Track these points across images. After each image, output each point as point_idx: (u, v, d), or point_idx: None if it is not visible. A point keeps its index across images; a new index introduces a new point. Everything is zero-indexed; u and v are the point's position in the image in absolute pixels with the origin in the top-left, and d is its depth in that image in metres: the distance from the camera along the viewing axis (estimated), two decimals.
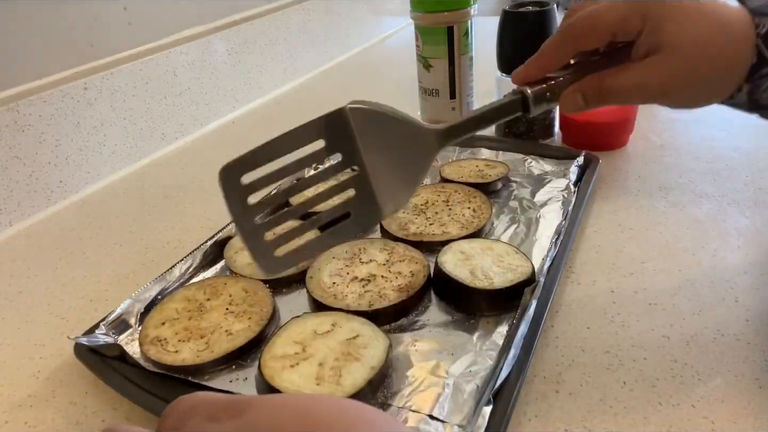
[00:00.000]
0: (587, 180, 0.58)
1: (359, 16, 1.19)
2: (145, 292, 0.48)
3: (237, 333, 0.43)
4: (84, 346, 0.43)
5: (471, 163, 0.64)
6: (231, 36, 0.88)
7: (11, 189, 0.63)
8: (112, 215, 0.66)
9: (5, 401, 0.42)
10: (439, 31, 0.70)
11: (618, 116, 0.66)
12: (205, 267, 0.53)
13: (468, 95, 0.75)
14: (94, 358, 0.42)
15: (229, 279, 0.49)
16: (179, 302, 0.47)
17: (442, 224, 0.54)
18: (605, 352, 0.41)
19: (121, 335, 0.45)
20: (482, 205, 0.56)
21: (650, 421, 0.36)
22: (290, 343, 0.41)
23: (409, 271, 0.48)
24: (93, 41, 0.70)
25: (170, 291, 0.50)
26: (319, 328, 0.42)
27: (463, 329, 0.43)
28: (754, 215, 0.54)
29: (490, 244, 0.49)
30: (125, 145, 0.75)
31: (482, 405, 0.35)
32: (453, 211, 0.55)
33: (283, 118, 0.89)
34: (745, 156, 0.65)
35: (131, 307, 0.47)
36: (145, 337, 0.44)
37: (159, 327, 0.45)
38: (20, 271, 0.57)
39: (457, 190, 0.59)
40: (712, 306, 0.44)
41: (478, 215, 0.54)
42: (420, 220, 0.55)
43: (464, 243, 0.49)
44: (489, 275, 0.45)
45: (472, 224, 0.53)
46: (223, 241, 0.55)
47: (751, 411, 0.36)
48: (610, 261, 0.50)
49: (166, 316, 0.46)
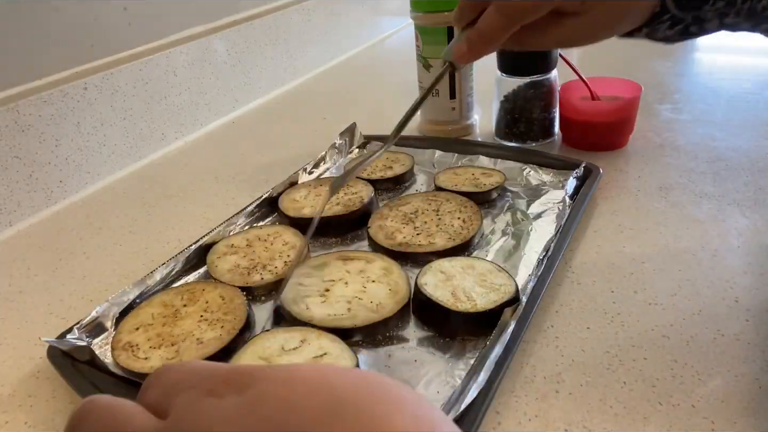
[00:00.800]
0: (584, 193, 0.56)
1: (359, 16, 1.19)
2: (124, 296, 0.47)
3: (207, 342, 0.42)
4: (58, 348, 0.42)
5: (467, 171, 0.63)
6: (231, 36, 0.88)
7: (11, 189, 0.64)
8: (112, 215, 0.66)
9: (5, 401, 0.42)
10: (439, 31, 0.70)
11: (618, 116, 0.66)
12: (187, 271, 0.52)
13: (468, 95, 0.75)
14: (65, 362, 0.41)
15: (208, 285, 0.48)
16: (156, 307, 0.46)
17: (429, 234, 0.53)
18: (605, 352, 0.41)
19: (95, 339, 0.45)
20: (472, 216, 0.54)
21: (650, 421, 0.36)
22: (255, 358, 0.40)
23: (388, 289, 0.46)
24: (93, 41, 0.70)
25: (149, 295, 0.49)
26: (287, 344, 0.41)
27: (437, 347, 0.42)
28: (754, 215, 0.54)
29: (472, 262, 0.48)
30: (125, 145, 0.75)
31: None
32: (442, 221, 0.54)
33: (283, 118, 0.89)
34: (745, 156, 0.65)
35: (108, 310, 0.46)
36: (117, 342, 0.43)
37: (133, 332, 0.44)
38: (20, 271, 0.57)
39: (449, 199, 0.57)
40: (712, 306, 0.44)
41: (467, 226, 0.53)
42: (408, 229, 0.54)
43: (445, 262, 0.48)
44: (471, 296, 0.44)
45: (460, 236, 0.52)
46: (208, 246, 0.54)
47: (751, 411, 0.36)
48: (610, 261, 0.50)
49: (142, 321, 0.45)
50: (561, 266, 0.50)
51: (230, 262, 0.52)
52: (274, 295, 0.49)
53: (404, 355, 0.42)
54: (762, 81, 0.85)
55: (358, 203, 0.57)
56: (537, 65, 0.67)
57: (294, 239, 0.54)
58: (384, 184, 0.63)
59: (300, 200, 0.60)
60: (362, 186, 0.61)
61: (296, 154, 0.69)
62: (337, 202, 0.58)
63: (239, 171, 0.73)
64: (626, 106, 0.66)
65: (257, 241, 0.54)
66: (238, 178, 0.71)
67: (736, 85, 0.84)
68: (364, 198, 0.58)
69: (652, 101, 0.80)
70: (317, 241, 0.56)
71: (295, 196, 0.60)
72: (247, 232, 0.55)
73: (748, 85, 0.84)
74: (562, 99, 0.69)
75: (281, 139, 0.80)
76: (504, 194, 0.60)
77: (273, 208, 0.60)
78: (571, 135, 0.70)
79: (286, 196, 0.60)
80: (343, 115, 0.86)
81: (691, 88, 0.86)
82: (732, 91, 0.82)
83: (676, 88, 0.85)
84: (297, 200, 0.60)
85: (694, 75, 0.92)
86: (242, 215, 0.58)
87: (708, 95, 0.82)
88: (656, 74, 0.91)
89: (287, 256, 0.52)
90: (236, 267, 0.51)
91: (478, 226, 0.53)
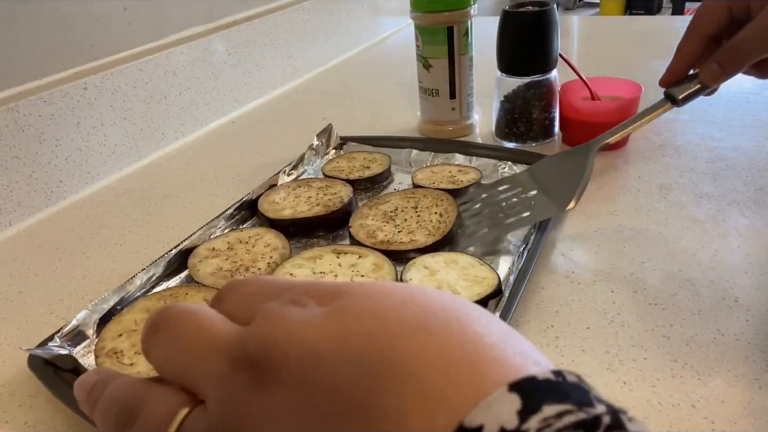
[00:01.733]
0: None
1: (359, 16, 1.19)
2: (103, 303, 0.47)
3: None
4: (39, 357, 0.41)
5: (444, 168, 0.64)
6: (231, 36, 0.88)
7: (11, 189, 0.64)
8: (112, 215, 0.66)
9: (5, 401, 0.42)
10: (439, 31, 0.70)
11: (618, 116, 0.66)
12: (168, 276, 0.52)
13: (468, 95, 0.75)
14: (47, 370, 0.40)
15: (191, 289, 0.48)
16: (139, 313, 0.46)
17: (410, 231, 0.53)
18: (605, 352, 0.41)
19: (77, 347, 0.44)
20: (448, 208, 0.55)
21: (650, 421, 0.36)
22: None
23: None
24: (93, 41, 0.70)
25: (130, 301, 0.48)
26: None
27: None
28: (754, 215, 0.54)
29: (454, 257, 0.49)
30: (125, 145, 0.75)
31: None
32: (421, 217, 0.55)
33: (283, 118, 0.89)
34: (745, 156, 0.65)
35: (88, 318, 0.45)
36: (101, 349, 0.43)
37: (116, 339, 0.43)
38: (20, 271, 0.57)
39: (426, 194, 0.58)
40: (712, 306, 0.44)
41: (444, 219, 0.54)
42: (389, 227, 0.54)
43: (428, 258, 0.48)
44: (456, 290, 0.45)
45: (439, 230, 0.52)
46: (188, 250, 0.53)
47: (751, 411, 0.36)
48: (610, 261, 0.50)
49: (125, 327, 0.44)
50: (560, 266, 0.50)
51: (212, 265, 0.51)
52: None
53: None
54: (762, 81, 0.85)
55: (338, 203, 0.58)
56: (537, 65, 0.67)
57: (275, 241, 0.54)
58: (362, 183, 0.64)
59: (279, 202, 0.60)
60: (341, 186, 0.61)
61: (296, 154, 0.69)
62: (318, 203, 0.58)
63: (239, 171, 0.73)
64: (626, 106, 0.66)
65: (239, 243, 0.54)
66: (238, 178, 0.71)
67: (736, 85, 0.84)
68: (343, 198, 0.59)
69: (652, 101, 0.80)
70: (299, 242, 0.56)
71: (274, 197, 0.60)
72: (228, 235, 0.55)
73: (748, 85, 0.84)
74: (562, 99, 0.69)
75: (281, 139, 0.80)
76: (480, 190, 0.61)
77: (253, 211, 0.60)
78: (571, 135, 0.70)
79: (265, 198, 0.61)
80: (343, 115, 0.86)
81: None
82: (732, 91, 0.82)
83: None
84: (277, 202, 0.60)
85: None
86: (222, 218, 0.58)
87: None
88: (656, 74, 0.90)
89: (269, 257, 0.52)
90: (219, 270, 0.51)
91: (454, 217, 0.54)
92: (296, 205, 0.59)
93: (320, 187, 0.62)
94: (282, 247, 0.53)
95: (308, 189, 0.62)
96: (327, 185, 0.62)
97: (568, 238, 0.54)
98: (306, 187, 0.62)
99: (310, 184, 0.63)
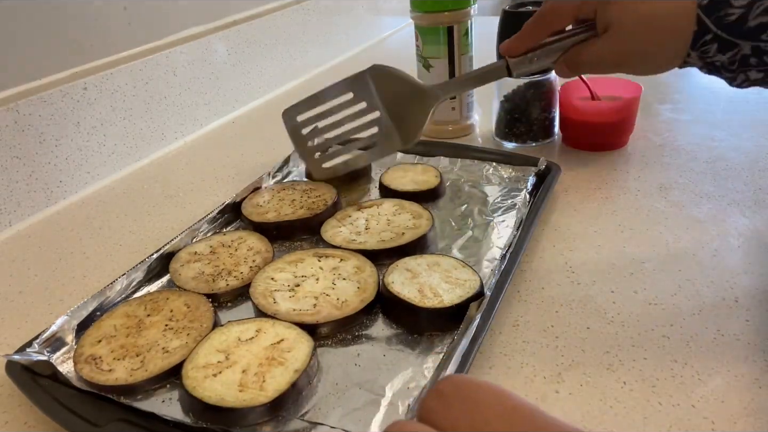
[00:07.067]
0: (545, 188, 0.57)
1: (359, 16, 1.19)
2: (82, 309, 0.46)
3: (174, 350, 0.42)
4: (17, 363, 0.41)
5: (416, 168, 0.64)
6: (231, 36, 0.88)
7: (11, 189, 0.63)
8: (112, 215, 0.66)
9: (5, 401, 0.42)
10: (439, 31, 0.70)
11: (618, 116, 0.66)
12: (149, 281, 0.51)
13: (468, 95, 0.75)
14: (25, 377, 0.40)
15: (172, 293, 0.48)
16: (118, 318, 0.45)
17: (383, 240, 0.53)
18: (605, 352, 0.41)
19: (56, 353, 0.44)
20: (422, 213, 0.55)
21: (650, 421, 0.36)
22: (213, 352, 0.41)
23: (357, 287, 0.47)
24: (93, 41, 0.70)
25: (110, 306, 0.48)
26: (243, 335, 0.42)
27: (406, 344, 0.42)
28: (754, 215, 0.54)
29: (437, 259, 0.48)
30: (125, 145, 0.75)
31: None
32: (393, 223, 0.55)
33: None
34: (745, 156, 0.65)
35: (66, 324, 0.45)
36: (79, 356, 0.42)
37: (95, 345, 0.43)
38: (20, 271, 0.57)
39: (395, 204, 0.58)
40: (712, 306, 0.44)
41: (417, 225, 0.54)
42: (362, 238, 0.54)
43: (410, 260, 0.48)
44: (438, 292, 0.44)
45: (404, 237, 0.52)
46: (170, 254, 0.53)
47: (751, 411, 0.36)
48: (610, 261, 0.50)
49: (104, 333, 0.44)
50: (560, 266, 0.50)
51: (194, 269, 0.51)
52: (240, 300, 0.49)
53: (374, 353, 0.42)
54: None
55: (322, 206, 0.58)
56: None
57: (258, 244, 0.54)
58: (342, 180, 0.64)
59: (263, 205, 0.60)
60: (325, 189, 0.61)
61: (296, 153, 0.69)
62: (302, 206, 0.58)
63: (239, 171, 0.73)
64: (626, 106, 0.66)
65: (221, 247, 0.54)
66: (238, 178, 0.71)
67: None
68: (328, 201, 0.59)
69: (652, 101, 0.80)
70: (282, 245, 0.56)
71: (258, 200, 0.60)
72: (210, 239, 0.55)
73: None
74: (562, 99, 0.69)
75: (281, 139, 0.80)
76: (461, 192, 0.61)
77: (236, 214, 0.60)
78: (571, 135, 0.70)
79: (249, 201, 0.60)
80: None
81: (691, 88, 0.86)
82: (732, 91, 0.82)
83: (676, 88, 0.85)
84: (261, 205, 0.60)
85: (694, 75, 0.92)
86: (205, 221, 0.57)
87: (708, 95, 0.82)
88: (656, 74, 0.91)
89: (252, 261, 0.51)
90: (201, 274, 0.50)
91: (430, 223, 0.53)
92: (280, 208, 0.59)
93: (304, 189, 0.62)
94: (265, 250, 0.53)
95: (292, 192, 0.62)
96: (311, 188, 0.62)
97: (568, 238, 0.54)
98: (290, 189, 0.62)
99: (294, 187, 0.63)
